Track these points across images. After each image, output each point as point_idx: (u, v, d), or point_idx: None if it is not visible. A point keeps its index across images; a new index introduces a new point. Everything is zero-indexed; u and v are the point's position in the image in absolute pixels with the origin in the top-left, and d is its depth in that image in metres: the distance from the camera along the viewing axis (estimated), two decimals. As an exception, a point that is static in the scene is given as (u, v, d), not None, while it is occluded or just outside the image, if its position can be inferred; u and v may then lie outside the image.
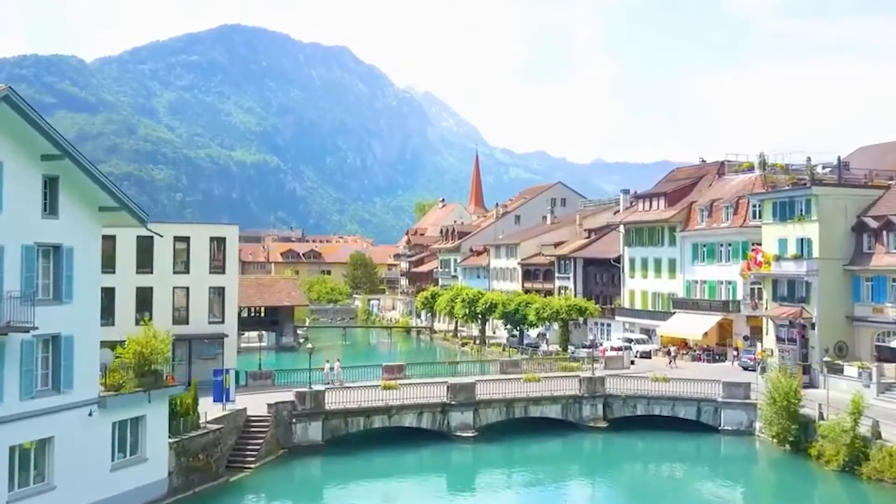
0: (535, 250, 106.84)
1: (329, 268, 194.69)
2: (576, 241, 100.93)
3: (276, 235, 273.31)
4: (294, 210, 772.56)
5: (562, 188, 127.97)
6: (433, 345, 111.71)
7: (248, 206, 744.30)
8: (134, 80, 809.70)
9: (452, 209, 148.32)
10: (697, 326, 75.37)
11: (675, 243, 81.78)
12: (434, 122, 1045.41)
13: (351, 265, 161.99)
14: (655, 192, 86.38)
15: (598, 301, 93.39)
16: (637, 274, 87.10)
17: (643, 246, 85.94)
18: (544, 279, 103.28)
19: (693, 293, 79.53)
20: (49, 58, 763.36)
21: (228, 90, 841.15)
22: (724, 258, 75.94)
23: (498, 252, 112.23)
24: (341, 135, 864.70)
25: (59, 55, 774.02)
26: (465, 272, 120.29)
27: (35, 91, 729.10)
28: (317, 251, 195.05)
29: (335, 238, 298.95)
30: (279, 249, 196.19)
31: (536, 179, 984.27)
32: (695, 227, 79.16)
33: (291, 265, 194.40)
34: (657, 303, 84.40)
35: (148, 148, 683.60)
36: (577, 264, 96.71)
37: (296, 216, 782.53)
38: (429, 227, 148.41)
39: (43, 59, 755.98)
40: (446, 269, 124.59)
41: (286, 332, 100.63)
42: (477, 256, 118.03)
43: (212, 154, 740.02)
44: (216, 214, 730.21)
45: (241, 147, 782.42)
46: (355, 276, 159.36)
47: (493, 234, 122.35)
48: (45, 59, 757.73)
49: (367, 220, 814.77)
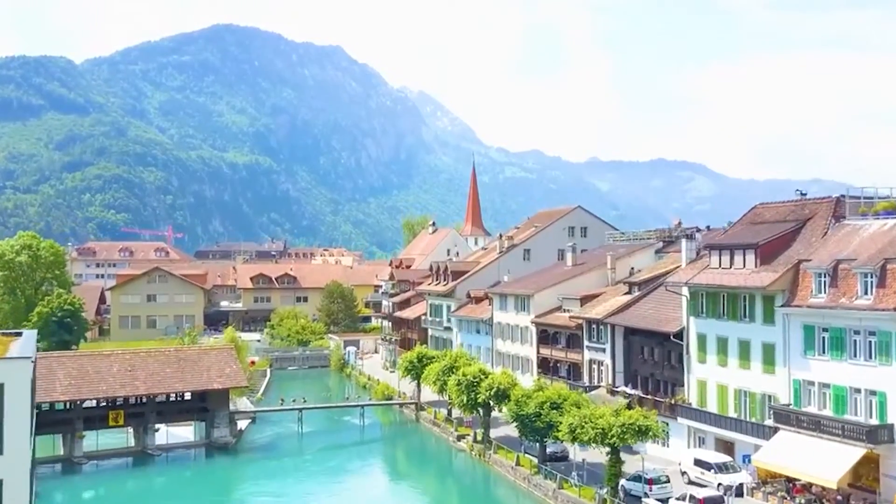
0: (554, 303, 78.36)
1: (305, 294, 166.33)
2: (610, 297, 72.29)
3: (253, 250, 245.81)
4: (287, 212, 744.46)
5: (582, 214, 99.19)
6: (419, 431, 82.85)
7: (241, 208, 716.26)
8: (124, 81, 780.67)
9: (444, 236, 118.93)
10: (823, 462, 46.96)
11: (772, 320, 53.33)
12: (428, 122, 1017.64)
13: (327, 297, 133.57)
14: (739, 242, 57.31)
15: (647, 387, 65.17)
16: (710, 358, 58.50)
17: (720, 319, 57.40)
18: (569, 346, 74.76)
19: (807, 401, 51.11)
20: (38, 59, 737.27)
21: (220, 90, 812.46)
22: (864, 353, 47.46)
23: (504, 303, 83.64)
24: (335, 135, 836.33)
25: (47, 56, 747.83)
26: (461, 324, 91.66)
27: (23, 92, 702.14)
28: (291, 275, 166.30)
29: (320, 252, 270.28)
30: (248, 273, 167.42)
31: (531, 179, 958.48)
32: (808, 301, 50.79)
33: (263, 291, 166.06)
34: (744, 405, 55.97)
35: (138, 150, 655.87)
36: (617, 332, 68.19)
37: (289, 218, 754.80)
38: (416, 256, 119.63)
39: (31, 59, 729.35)
40: (437, 318, 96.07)
41: (219, 423, 72.17)
42: (476, 305, 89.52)
43: (203, 155, 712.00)
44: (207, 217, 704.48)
45: (233, 148, 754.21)
46: (331, 310, 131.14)
47: (496, 272, 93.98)
48: (33, 59, 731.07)
49: (361, 220, 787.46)
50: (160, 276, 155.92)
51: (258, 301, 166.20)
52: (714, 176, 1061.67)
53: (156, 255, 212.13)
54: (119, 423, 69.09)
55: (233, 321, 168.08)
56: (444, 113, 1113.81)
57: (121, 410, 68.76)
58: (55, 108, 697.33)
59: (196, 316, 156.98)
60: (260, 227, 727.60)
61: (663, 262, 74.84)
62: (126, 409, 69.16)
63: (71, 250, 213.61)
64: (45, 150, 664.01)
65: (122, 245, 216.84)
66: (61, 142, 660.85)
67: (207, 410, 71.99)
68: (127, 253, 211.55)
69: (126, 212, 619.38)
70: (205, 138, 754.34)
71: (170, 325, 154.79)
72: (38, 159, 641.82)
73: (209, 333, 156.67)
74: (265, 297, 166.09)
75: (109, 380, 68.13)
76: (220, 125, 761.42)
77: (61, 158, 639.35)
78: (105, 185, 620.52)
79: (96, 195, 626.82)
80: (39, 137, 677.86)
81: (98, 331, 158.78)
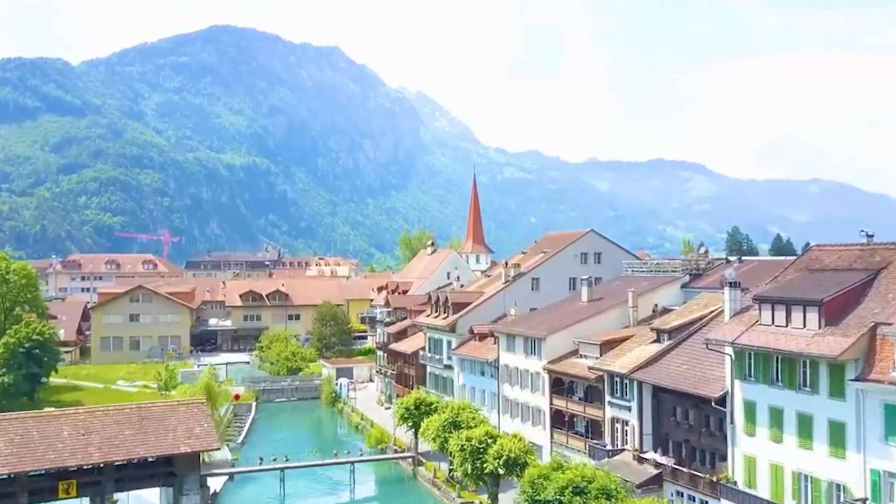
0: (569, 346, 68.62)
1: (297, 311, 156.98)
2: (635, 346, 62.55)
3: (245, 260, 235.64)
4: (285, 213, 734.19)
5: (595, 239, 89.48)
6: (416, 490, 73.03)
7: (238, 210, 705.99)
8: (121, 83, 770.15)
9: (444, 258, 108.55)
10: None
11: (842, 394, 43.82)
12: (427, 122, 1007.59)
13: (319, 319, 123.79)
14: (798, 296, 47.39)
15: (681, 455, 55.61)
16: (761, 431, 48.91)
17: (773, 386, 47.84)
18: (587, 399, 65.03)
19: (889, 496, 41.75)
20: (34, 60, 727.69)
21: (218, 92, 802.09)
22: (968, 446, 38.27)
23: (511, 343, 73.92)
24: (333, 136, 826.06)
25: (44, 58, 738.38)
26: (463, 364, 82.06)
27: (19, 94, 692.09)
28: (283, 292, 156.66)
29: (315, 260, 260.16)
30: (238, 290, 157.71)
31: (530, 179, 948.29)
32: (889, 376, 41.26)
33: (253, 309, 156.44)
34: (805, 493, 46.41)
35: (134, 152, 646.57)
36: (644, 389, 58.57)
37: (287, 219, 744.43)
38: (414, 280, 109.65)
39: (27, 61, 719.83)
40: (437, 356, 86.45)
41: (188, 489, 62.60)
42: (480, 342, 79.88)
43: (200, 157, 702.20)
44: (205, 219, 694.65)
45: (230, 150, 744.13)
46: (323, 334, 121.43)
47: (501, 304, 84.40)
48: (29, 61, 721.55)
49: (359, 221, 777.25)
50: (144, 294, 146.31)
51: (248, 319, 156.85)
52: (713, 176, 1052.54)
53: (144, 268, 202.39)
54: (71, 494, 59.27)
55: (222, 340, 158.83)
56: (442, 113, 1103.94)
57: (73, 480, 58.93)
58: (51, 110, 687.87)
59: (182, 337, 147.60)
60: (258, 230, 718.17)
61: (695, 303, 65.16)
62: (79, 477, 59.36)
63: (55, 263, 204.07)
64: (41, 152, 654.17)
65: (108, 257, 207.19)
66: (57, 144, 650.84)
67: (175, 475, 62.34)
68: (113, 266, 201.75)
69: (122, 214, 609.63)
70: (202, 140, 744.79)
71: (154, 346, 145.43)
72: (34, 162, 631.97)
73: (196, 355, 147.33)
74: (255, 315, 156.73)
75: (59, 446, 58.35)
76: (218, 126, 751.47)
77: (57, 161, 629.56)
78: (101, 188, 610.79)
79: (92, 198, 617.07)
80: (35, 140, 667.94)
81: (79, 352, 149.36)
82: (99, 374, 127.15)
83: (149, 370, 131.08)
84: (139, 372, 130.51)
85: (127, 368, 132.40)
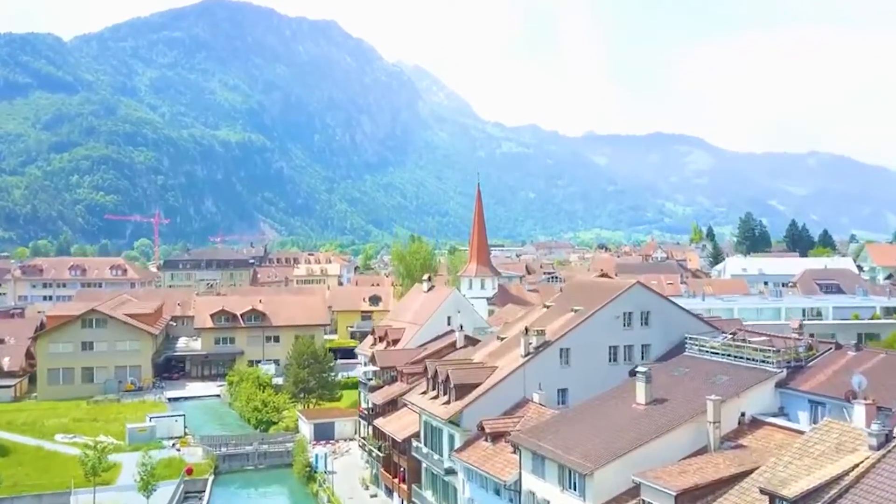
0: (624, 482, 46.36)
1: (277, 333, 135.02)
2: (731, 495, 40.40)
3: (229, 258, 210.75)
4: (282, 191, 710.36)
5: (641, 294, 66.49)
6: None
7: (234, 188, 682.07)
8: (114, 58, 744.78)
9: (444, 298, 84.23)
10: None
11: None
12: (424, 97, 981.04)
13: (295, 359, 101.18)
14: None
15: None
16: None
17: None
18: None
19: None
20: (24, 36, 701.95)
21: (212, 67, 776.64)
22: None
23: (540, 465, 51.51)
24: (329, 111, 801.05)
25: (34, 33, 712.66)
26: (469, 474, 59.97)
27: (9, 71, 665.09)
28: (260, 311, 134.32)
29: (304, 256, 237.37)
30: (209, 308, 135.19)
31: (529, 154, 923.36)
32: None
33: (226, 331, 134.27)
34: None
35: (128, 129, 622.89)
36: None
37: (283, 197, 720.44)
38: (407, 325, 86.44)
39: (18, 37, 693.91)
40: (435, 453, 64.22)
41: None
42: (493, 446, 57.52)
43: (195, 134, 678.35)
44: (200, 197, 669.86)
45: (225, 126, 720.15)
46: (300, 377, 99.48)
47: (520, 383, 62.22)
48: (19, 37, 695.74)
49: (357, 198, 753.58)
50: (98, 319, 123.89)
51: (220, 343, 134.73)
52: (712, 149, 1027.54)
53: (111, 274, 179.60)
54: None
55: (191, 366, 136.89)
56: (440, 87, 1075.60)
57: None
58: (43, 87, 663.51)
59: (142, 366, 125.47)
60: (254, 207, 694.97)
61: (820, 435, 42.65)
62: None
63: (14, 268, 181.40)
64: (33, 130, 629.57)
65: (72, 262, 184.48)
66: (49, 121, 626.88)
67: None
68: (78, 271, 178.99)
69: (115, 193, 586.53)
70: (197, 116, 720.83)
71: (110, 378, 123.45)
72: (25, 139, 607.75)
73: (159, 386, 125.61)
74: (229, 337, 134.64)
75: None
76: (213, 103, 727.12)
77: (49, 139, 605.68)
78: (94, 166, 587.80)
79: (84, 176, 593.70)
80: (27, 117, 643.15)
81: (28, 380, 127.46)
82: (38, 422, 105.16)
83: (102, 412, 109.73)
84: (89, 416, 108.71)
85: (74, 412, 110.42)
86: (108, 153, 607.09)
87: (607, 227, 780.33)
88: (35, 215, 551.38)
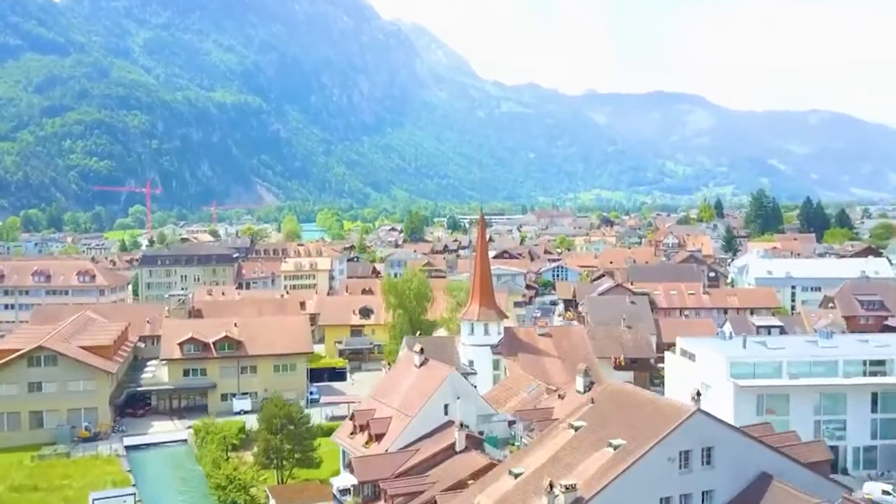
0: None
1: (254, 363, 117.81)
2: None
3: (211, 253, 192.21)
4: (278, 154, 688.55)
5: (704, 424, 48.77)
6: None
7: (230, 151, 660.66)
8: (106, 19, 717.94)
9: (440, 380, 65.44)
10: None
11: None
12: (423, 55, 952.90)
13: (265, 424, 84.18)
14: None
15: None
16: None
17: None
18: None
19: None
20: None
21: (207, 27, 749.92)
22: None
23: None
24: (326, 71, 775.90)
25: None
26: None
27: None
28: (234, 339, 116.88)
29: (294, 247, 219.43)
30: (177, 335, 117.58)
31: (528, 113, 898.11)
32: None
33: (196, 362, 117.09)
34: None
35: (121, 92, 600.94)
36: None
37: (280, 160, 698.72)
38: (394, 413, 67.79)
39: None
40: None
41: None
42: None
43: (190, 96, 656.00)
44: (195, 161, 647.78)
45: (221, 87, 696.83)
46: (271, 444, 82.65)
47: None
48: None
49: (354, 160, 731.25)
50: (47, 356, 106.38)
51: (189, 374, 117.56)
52: (713, 108, 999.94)
53: (79, 280, 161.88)
54: None
55: (158, 401, 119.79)
56: (438, 45, 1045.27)
57: None
58: (34, 49, 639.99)
59: (99, 408, 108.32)
60: (250, 171, 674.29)
61: None
62: None
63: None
64: (24, 93, 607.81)
65: (36, 266, 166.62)
66: (41, 84, 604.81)
67: None
68: (42, 277, 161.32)
69: (109, 159, 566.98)
70: (191, 78, 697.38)
71: (62, 423, 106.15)
72: (17, 103, 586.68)
73: (119, 430, 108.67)
74: (199, 368, 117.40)
75: None
76: (208, 64, 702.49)
77: (41, 102, 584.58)
78: (87, 131, 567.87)
79: (77, 141, 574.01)
80: (18, 80, 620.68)
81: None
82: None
83: (45, 475, 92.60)
84: (30, 481, 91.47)
85: (14, 474, 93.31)
86: (101, 117, 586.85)
87: (607, 187, 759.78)
88: (27, 182, 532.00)
